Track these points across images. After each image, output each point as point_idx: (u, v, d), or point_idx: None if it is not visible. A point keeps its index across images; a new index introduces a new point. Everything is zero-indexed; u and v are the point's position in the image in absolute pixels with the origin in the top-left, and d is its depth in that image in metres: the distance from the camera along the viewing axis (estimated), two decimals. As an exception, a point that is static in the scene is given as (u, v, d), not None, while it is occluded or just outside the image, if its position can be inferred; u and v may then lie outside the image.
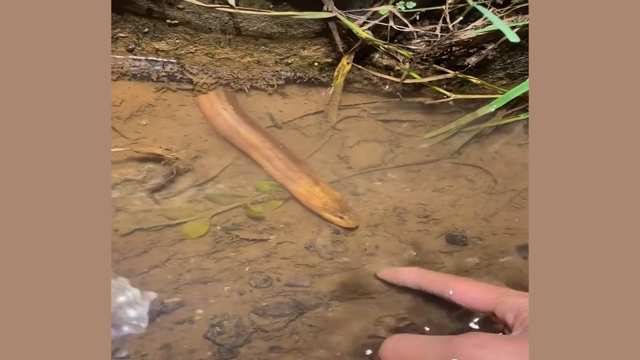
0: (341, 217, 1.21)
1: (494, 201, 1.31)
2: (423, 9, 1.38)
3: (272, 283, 1.14)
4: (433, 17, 1.42)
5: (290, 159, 1.28)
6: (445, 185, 1.34)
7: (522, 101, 1.48)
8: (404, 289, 1.14)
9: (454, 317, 1.10)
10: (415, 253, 1.21)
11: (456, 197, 1.32)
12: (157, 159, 1.29)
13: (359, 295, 1.14)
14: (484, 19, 1.34)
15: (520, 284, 1.16)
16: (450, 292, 1.02)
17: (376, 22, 1.40)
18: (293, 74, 1.53)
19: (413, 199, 1.30)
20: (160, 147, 1.31)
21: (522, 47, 1.46)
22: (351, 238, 1.23)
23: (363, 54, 1.49)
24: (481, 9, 1.24)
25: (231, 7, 1.36)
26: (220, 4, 1.37)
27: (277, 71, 1.52)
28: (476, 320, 1.06)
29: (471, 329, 1.04)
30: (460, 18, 1.37)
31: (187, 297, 1.10)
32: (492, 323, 1.00)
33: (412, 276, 1.12)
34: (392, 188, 1.32)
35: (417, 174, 1.36)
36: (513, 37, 1.26)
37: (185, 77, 1.48)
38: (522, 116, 1.45)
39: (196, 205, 1.25)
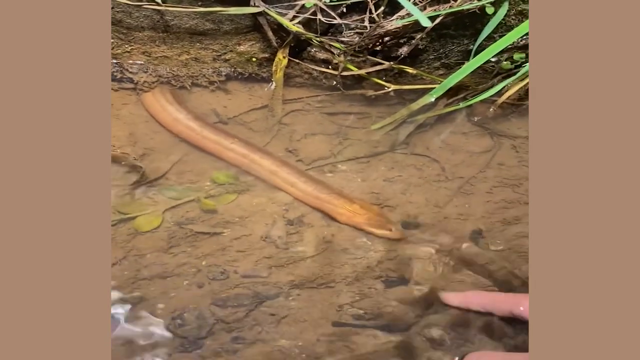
0: (390, 230, 1.24)
1: (444, 188, 1.36)
2: (349, 1, 1.44)
3: (229, 275, 1.16)
4: (361, 9, 1.47)
5: (314, 182, 1.30)
6: (395, 175, 1.38)
7: (461, 90, 1.55)
8: (363, 280, 1.18)
9: (415, 307, 1.15)
10: (369, 242, 1.25)
11: (406, 185, 1.36)
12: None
13: (318, 284, 1.17)
14: (409, 9, 1.41)
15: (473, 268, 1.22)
16: (521, 309, 1.05)
17: (305, 15, 1.45)
18: (233, 70, 1.55)
19: (365, 189, 1.34)
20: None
21: (451, 37, 1.53)
22: (307, 228, 1.26)
23: (299, 48, 1.54)
24: (397, -4, 1.31)
25: (158, 4, 1.38)
26: (147, 1, 1.39)
27: (217, 68, 1.55)
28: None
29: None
30: (383, 8, 1.43)
31: (147, 292, 1.11)
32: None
33: (478, 300, 1.13)
34: (343, 179, 1.36)
35: (367, 165, 1.40)
36: (425, 22, 1.34)
37: (125, 76, 1.49)
38: (462, 105, 1.51)
39: (148, 201, 1.25)
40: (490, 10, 1.45)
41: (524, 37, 1.52)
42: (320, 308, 1.13)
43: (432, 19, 1.42)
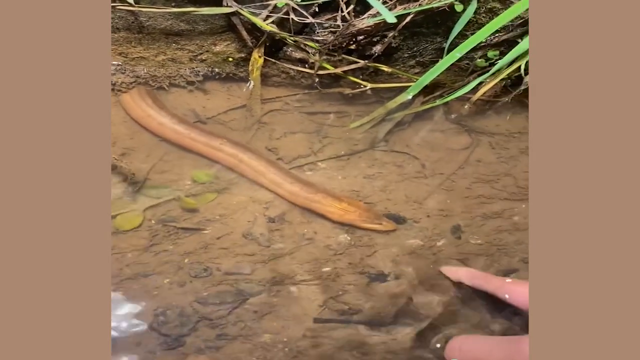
0: (380, 223, 1.26)
1: (424, 185, 1.38)
2: (319, 0, 1.46)
3: (212, 272, 1.17)
4: (333, 8, 1.50)
5: (301, 182, 1.32)
6: (375, 172, 1.40)
7: (437, 88, 1.58)
8: (344, 276, 1.19)
9: (396, 301, 1.16)
10: (349, 238, 1.26)
11: (387, 182, 1.38)
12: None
13: (300, 280, 1.18)
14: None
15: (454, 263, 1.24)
16: (507, 296, 1.09)
17: (278, 15, 1.46)
18: (210, 70, 1.56)
19: (345, 186, 1.36)
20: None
21: (424, 35, 1.56)
22: (287, 225, 1.27)
23: (275, 47, 1.55)
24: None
25: (130, 4, 1.39)
26: (120, 2, 1.39)
27: (194, 68, 1.55)
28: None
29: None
30: (353, 6, 1.45)
31: (129, 290, 1.11)
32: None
33: (467, 275, 1.18)
34: (324, 177, 1.37)
35: (347, 163, 1.41)
36: (390, 19, 1.36)
37: (102, 77, 1.48)
38: (438, 102, 1.54)
39: (128, 200, 1.26)
40: (459, 7, 1.47)
41: (497, 35, 1.55)
42: (303, 304, 1.14)
43: (402, 17, 1.45)
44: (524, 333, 1.01)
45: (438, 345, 1.09)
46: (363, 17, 1.46)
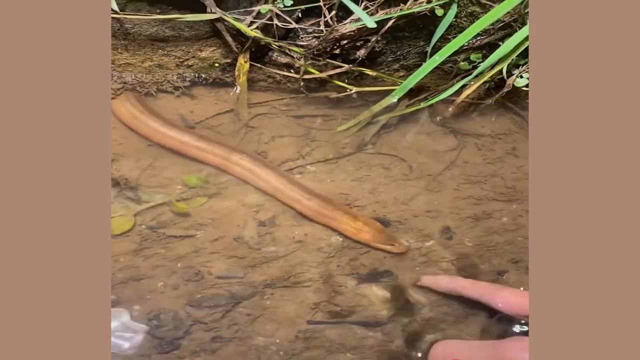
0: (392, 245, 1.26)
1: (412, 186, 1.40)
2: (303, 7, 1.47)
3: (204, 276, 1.17)
4: (316, 14, 1.51)
5: (319, 198, 1.31)
6: (363, 175, 1.42)
7: (422, 91, 1.60)
8: (336, 278, 1.20)
9: (387, 303, 1.18)
10: (341, 239, 1.27)
11: (375, 185, 1.40)
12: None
13: (292, 283, 1.19)
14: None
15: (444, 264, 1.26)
16: (500, 305, 1.10)
17: (262, 21, 1.47)
18: (197, 75, 1.56)
19: (334, 189, 1.37)
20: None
21: (407, 39, 1.58)
22: (278, 228, 1.28)
23: (261, 53, 1.56)
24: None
25: (115, 12, 1.39)
26: None
27: (180, 74, 1.56)
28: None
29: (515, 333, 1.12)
30: (335, 12, 1.46)
31: (122, 295, 1.12)
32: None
33: (449, 283, 1.19)
34: (313, 180, 1.38)
35: (335, 166, 1.43)
36: (370, 23, 1.38)
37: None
38: (423, 104, 1.55)
39: (118, 204, 1.26)
40: (439, 12, 1.49)
41: (478, 38, 1.57)
42: (295, 307, 1.16)
43: (384, 21, 1.47)
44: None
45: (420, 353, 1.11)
46: (345, 22, 1.48)
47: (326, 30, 1.48)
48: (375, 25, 1.41)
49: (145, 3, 1.45)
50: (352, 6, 1.39)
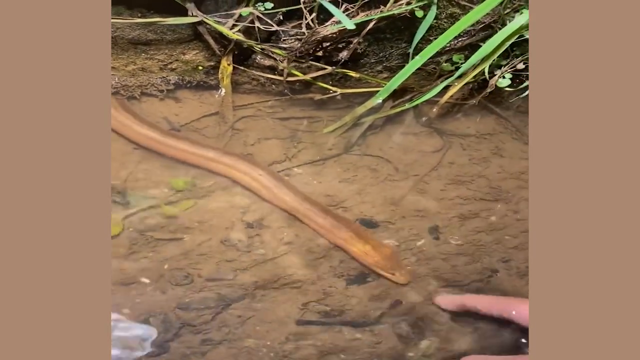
0: (392, 274, 1.24)
1: (399, 187, 1.40)
2: (283, 9, 1.49)
3: (193, 279, 1.16)
4: (298, 16, 1.52)
5: (333, 218, 1.30)
6: (350, 176, 1.42)
7: (406, 92, 1.62)
8: (325, 279, 1.21)
9: (376, 303, 1.18)
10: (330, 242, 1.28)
11: (362, 186, 1.40)
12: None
13: (281, 284, 1.19)
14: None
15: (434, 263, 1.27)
16: (514, 313, 1.09)
17: (244, 24, 1.48)
18: (180, 78, 1.56)
19: (322, 191, 1.37)
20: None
21: (389, 40, 1.59)
22: (266, 230, 1.28)
23: (244, 55, 1.57)
24: (322, 1, 1.39)
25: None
26: None
27: (164, 77, 1.55)
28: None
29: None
30: (315, 14, 1.47)
31: (112, 298, 1.11)
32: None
33: (466, 302, 1.18)
34: (299, 182, 1.38)
35: (322, 167, 1.43)
36: (349, 25, 1.40)
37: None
38: (407, 105, 1.57)
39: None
40: (419, 13, 1.51)
41: (460, 39, 1.59)
42: (285, 308, 1.15)
43: (365, 23, 1.48)
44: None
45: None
46: (327, 24, 1.48)
47: (308, 32, 1.49)
48: (354, 27, 1.42)
49: (123, 7, 1.44)
50: (331, 8, 1.40)
